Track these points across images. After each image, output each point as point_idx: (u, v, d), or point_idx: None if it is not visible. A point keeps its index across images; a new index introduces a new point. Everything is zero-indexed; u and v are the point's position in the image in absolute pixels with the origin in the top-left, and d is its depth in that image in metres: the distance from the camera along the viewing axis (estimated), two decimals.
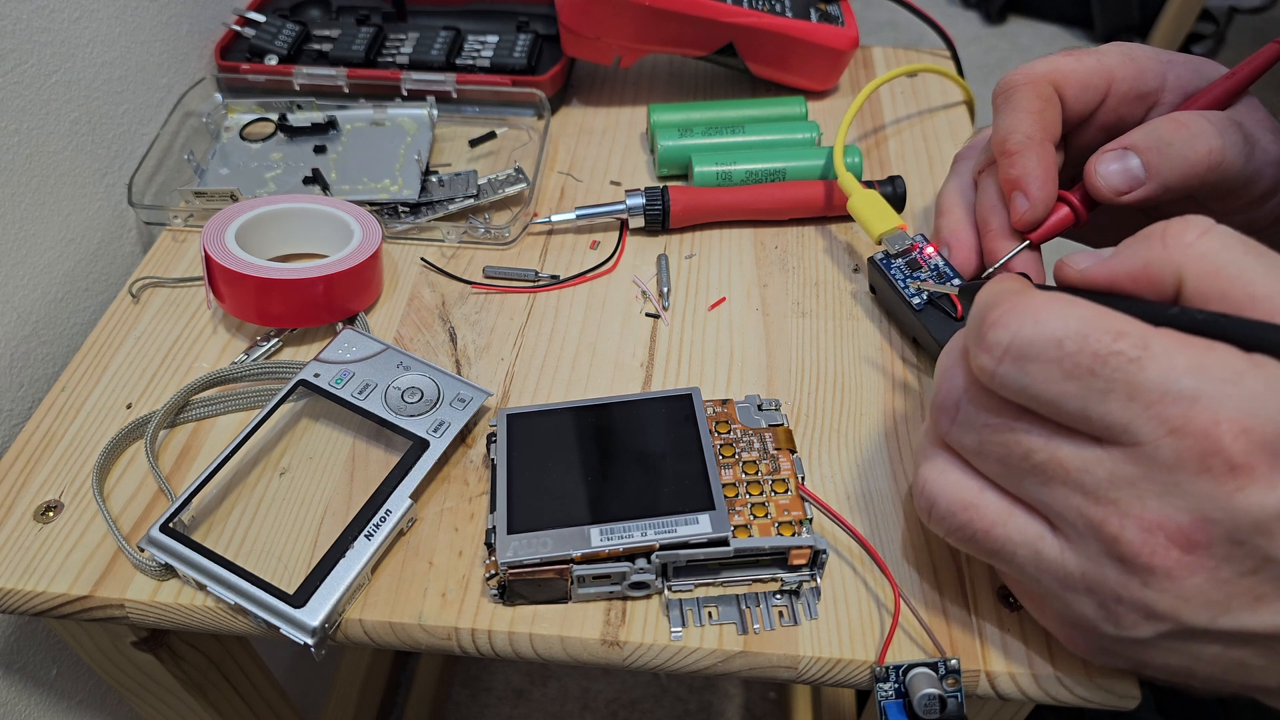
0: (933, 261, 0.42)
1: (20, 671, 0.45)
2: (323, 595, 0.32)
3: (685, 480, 0.34)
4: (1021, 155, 0.37)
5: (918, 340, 0.42)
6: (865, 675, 0.32)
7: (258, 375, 0.42)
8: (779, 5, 0.55)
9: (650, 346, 0.43)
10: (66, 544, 0.36)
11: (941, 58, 0.62)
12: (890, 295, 0.43)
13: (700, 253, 0.48)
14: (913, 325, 0.41)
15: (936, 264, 0.42)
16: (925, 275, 0.41)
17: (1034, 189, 0.37)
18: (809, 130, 0.53)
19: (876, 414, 0.40)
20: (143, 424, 0.39)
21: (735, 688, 1.02)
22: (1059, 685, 0.31)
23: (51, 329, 0.47)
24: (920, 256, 0.42)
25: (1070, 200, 0.38)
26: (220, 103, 0.55)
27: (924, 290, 0.36)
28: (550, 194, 0.52)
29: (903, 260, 0.42)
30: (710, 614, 0.33)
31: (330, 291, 0.42)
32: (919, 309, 0.41)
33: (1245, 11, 2.04)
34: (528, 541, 0.33)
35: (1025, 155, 0.37)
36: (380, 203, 0.49)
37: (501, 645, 0.33)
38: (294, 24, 0.58)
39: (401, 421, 0.38)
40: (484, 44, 0.58)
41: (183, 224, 0.49)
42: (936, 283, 0.37)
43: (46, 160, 0.46)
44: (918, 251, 0.42)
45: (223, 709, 0.47)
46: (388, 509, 0.35)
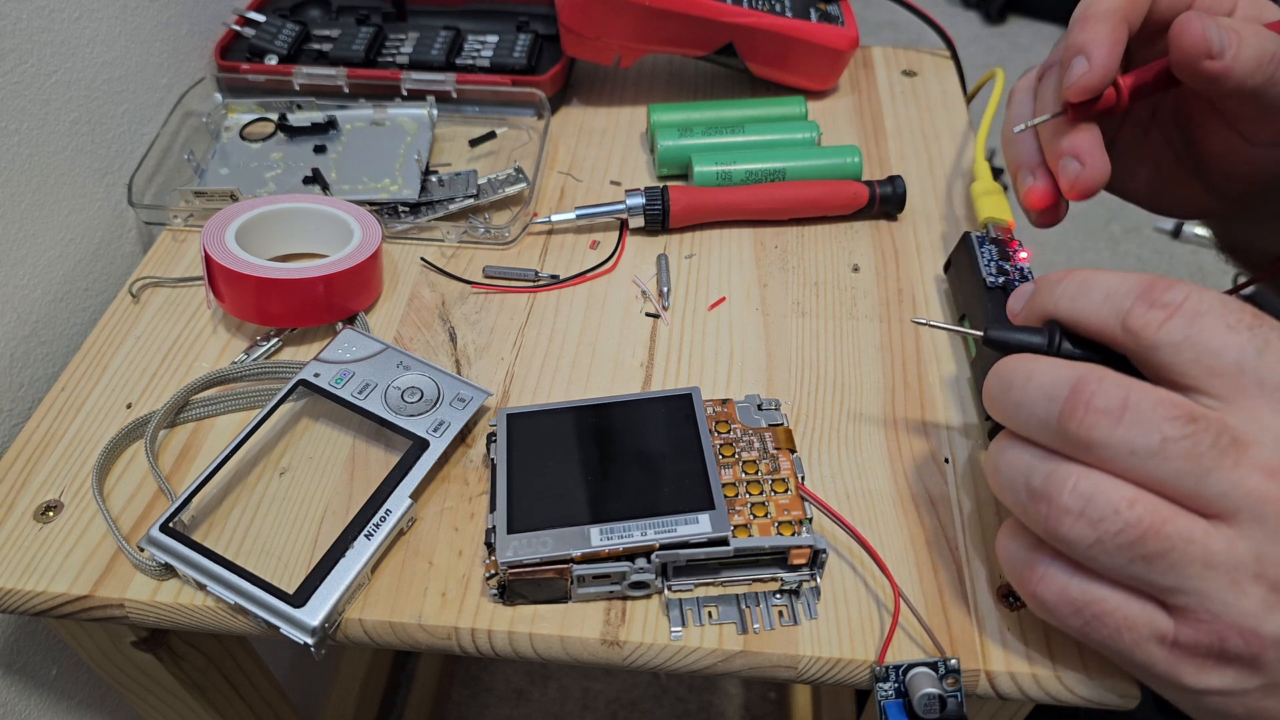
0: (1020, 265, 0.42)
1: (20, 671, 0.45)
2: (323, 595, 0.32)
3: (685, 480, 0.34)
4: (1096, 21, 0.37)
5: (966, 319, 0.42)
6: (865, 675, 0.32)
7: (258, 375, 0.42)
8: (779, 5, 0.55)
9: (650, 346, 0.43)
10: (66, 544, 0.36)
11: (941, 58, 0.62)
12: (966, 272, 0.43)
13: (700, 253, 0.48)
14: (975, 305, 0.41)
15: (1021, 268, 0.42)
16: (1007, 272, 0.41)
17: (1098, 54, 0.37)
18: (809, 130, 0.53)
19: (876, 414, 0.40)
20: (143, 424, 0.39)
21: (735, 688, 1.02)
22: (1059, 685, 0.31)
23: (51, 329, 0.47)
24: (1013, 252, 0.42)
25: (1118, 81, 0.38)
26: (220, 103, 0.55)
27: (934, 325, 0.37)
28: (550, 194, 0.52)
29: (995, 248, 0.43)
30: (710, 614, 0.33)
31: (330, 291, 0.42)
32: (990, 288, 0.41)
33: None
34: (528, 541, 0.33)
35: (1099, 23, 0.37)
36: (380, 203, 0.49)
37: (501, 645, 0.33)
38: (294, 24, 0.58)
39: (401, 421, 0.38)
40: (484, 44, 0.58)
41: (183, 224, 0.49)
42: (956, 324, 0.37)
43: (46, 160, 0.46)
44: (1014, 249, 0.43)
45: (223, 709, 0.47)
46: (388, 509, 0.35)
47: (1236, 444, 0.25)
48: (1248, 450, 0.25)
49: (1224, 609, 0.25)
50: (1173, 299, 0.27)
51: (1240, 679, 0.26)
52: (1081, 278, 0.30)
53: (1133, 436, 0.26)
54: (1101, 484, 0.26)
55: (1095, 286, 0.29)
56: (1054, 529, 0.27)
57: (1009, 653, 0.32)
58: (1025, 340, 0.31)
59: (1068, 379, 0.27)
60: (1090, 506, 0.26)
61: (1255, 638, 0.25)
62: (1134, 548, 0.26)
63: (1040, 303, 0.31)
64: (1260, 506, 0.25)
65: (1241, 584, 0.25)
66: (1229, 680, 0.26)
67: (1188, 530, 0.25)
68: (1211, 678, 0.26)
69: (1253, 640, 0.25)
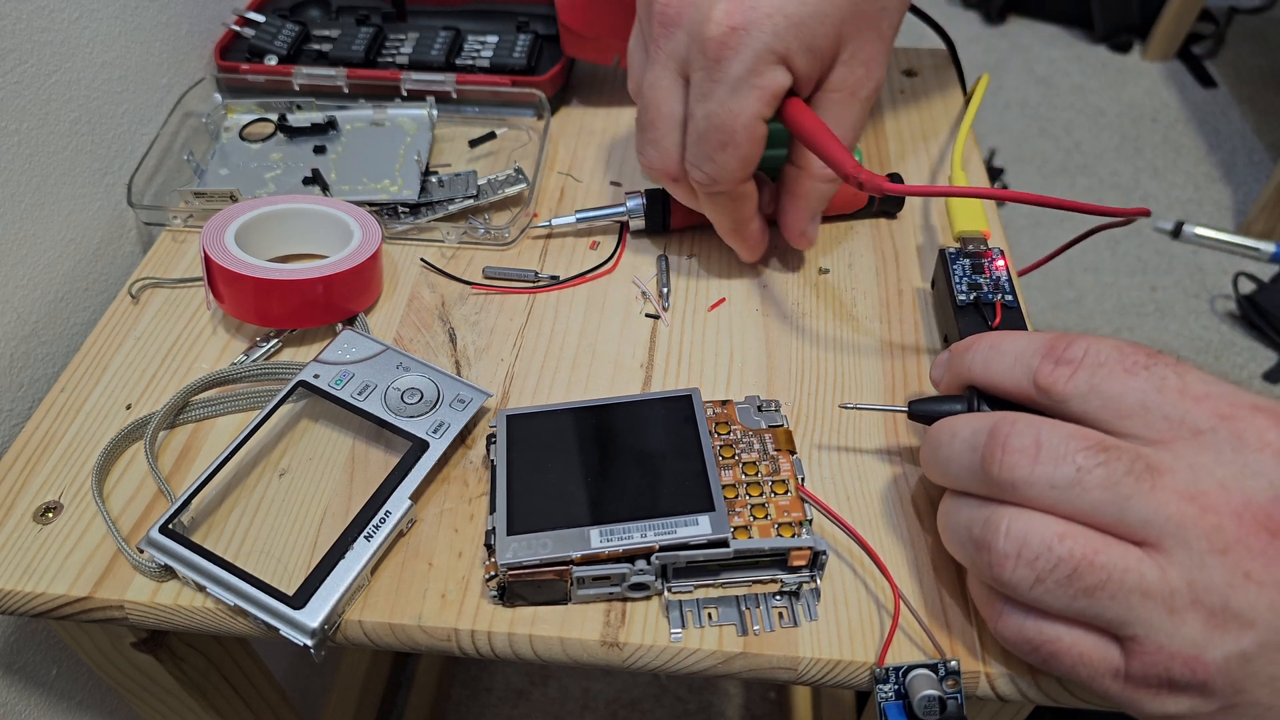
0: (996, 274, 0.42)
1: (20, 672, 0.45)
2: (322, 596, 0.32)
3: (685, 481, 0.34)
4: None
5: (948, 339, 0.42)
6: (865, 676, 0.32)
7: (257, 376, 0.42)
8: None
9: (650, 347, 0.43)
10: (66, 545, 0.36)
11: (941, 58, 0.62)
12: (943, 290, 0.43)
13: (700, 253, 0.48)
14: (949, 324, 0.42)
15: (998, 277, 0.42)
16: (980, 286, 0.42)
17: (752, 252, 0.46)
18: None
19: (876, 415, 0.40)
20: (142, 425, 0.39)
21: (735, 688, 1.02)
22: (1058, 686, 0.31)
23: (51, 329, 0.47)
24: (988, 263, 0.43)
25: None
26: (220, 103, 0.55)
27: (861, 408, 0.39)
28: (550, 194, 0.52)
29: (969, 261, 0.43)
30: (710, 615, 0.33)
31: (330, 292, 0.42)
32: (960, 306, 0.41)
33: (1245, 11, 2.04)
34: (527, 543, 0.33)
35: None
36: (380, 203, 0.49)
37: (501, 646, 0.33)
38: (294, 24, 0.58)
39: (401, 422, 0.38)
40: (484, 44, 0.58)
41: (182, 224, 0.49)
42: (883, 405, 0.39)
43: (46, 160, 0.46)
44: (988, 260, 0.43)
45: (223, 709, 0.47)
46: (387, 510, 0.35)
47: (1151, 470, 0.27)
48: (1163, 476, 0.26)
49: (1168, 639, 0.26)
50: (1074, 355, 0.29)
51: (1195, 704, 0.27)
52: (988, 343, 0.32)
53: (1050, 470, 0.27)
54: (1033, 523, 0.28)
55: (1003, 351, 0.31)
56: (998, 576, 0.28)
57: (1009, 654, 0.32)
58: (947, 409, 0.33)
59: (985, 426, 0.29)
60: (1025, 548, 0.27)
61: (1200, 665, 0.26)
62: (1072, 582, 0.27)
63: (956, 370, 0.33)
64: (1182, 531, 0.26)
65: (1179, 612, 0.26)
66: (1184, 706, 0.27)
67: (1120, 559, 0.26)
68: (1168, 704, 0.27)
69: (1198, 668, 0.26)
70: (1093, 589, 0.26)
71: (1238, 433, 0.27)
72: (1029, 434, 0.28)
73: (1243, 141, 1.74)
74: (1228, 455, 0.27)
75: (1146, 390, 0.28)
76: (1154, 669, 0.26)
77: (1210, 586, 0.26)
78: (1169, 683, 0.26)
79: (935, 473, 0.32)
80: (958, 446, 0.30)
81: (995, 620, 0.30)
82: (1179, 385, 0.28)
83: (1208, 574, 0.26)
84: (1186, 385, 0.28)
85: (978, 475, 0.29)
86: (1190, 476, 0.26)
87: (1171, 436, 0.27)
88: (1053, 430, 0.28)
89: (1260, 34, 2.02)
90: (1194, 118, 1.80)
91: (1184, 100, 1.85)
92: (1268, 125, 1.78)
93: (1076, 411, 0.29)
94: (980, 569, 0.29)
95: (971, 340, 0.33)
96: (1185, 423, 0.27)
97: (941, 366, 0.35)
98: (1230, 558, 0.26)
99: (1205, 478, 0.26)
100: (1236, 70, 1.92)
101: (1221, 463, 0.26)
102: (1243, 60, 1.95)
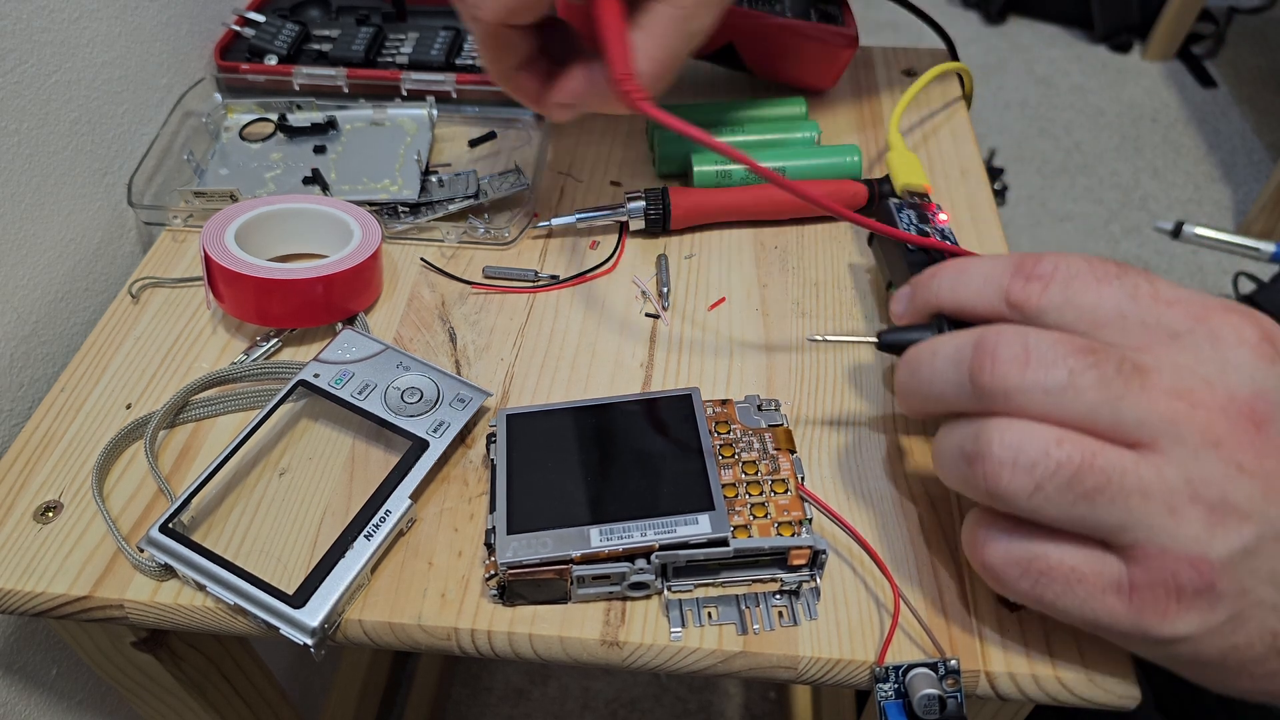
0: (940, 227, 0.43)
1: (20, 671, 0.45)
2: (322, 596, 0.32)
3: (685, 480, 0.34)
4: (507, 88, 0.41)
5: (893, 285, 0.43)
6: (865, 675, 0.32)
7: (257, 375, 0.42)
8: (779, 5, 0.55)
9: (650, 347, 0.43)
10: (66, 544, 0.36)
11: (941, 58, 0.62)
12: (889, 241, 0.43)
13: (700, 253, 0.48)
14: (899, 271, 0.42)
15: (942, 229, 0.43)
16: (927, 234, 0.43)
17: None
18: (809, 130, 0.53)
19: (876, 414, 0.40)
20: (142, 424, 0.39)
21: (735, 688, 1.02)
22: (1059, 685, 0.31)
23: (51, 329, 0.47)
24: (932, 215, 0.44)
25: None
26: (220, 103, 0.55)
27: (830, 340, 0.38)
28: (550, 194, 0.52)
29: (914, 212, 0.44)
30: (710, 614, 0.33)
31: (330, 291, 0.42)
32: (911, 251, 0.41)
33: (1245, 11, 2.04)
34: (527, 542, 0.33)
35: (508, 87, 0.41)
36: (380, 203, 0.49)
37: (501, 646, 0.33)
38: (294, 24, 0.58)
39: (401, 422, 0.38)
40: None
41: (182, 224, 0.49)
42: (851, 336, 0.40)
43: (46, 160, 0.46)
44: (932, 211, 0.44)
45: (223, 709, 0.47)
46: (387, 509, 0.35)
47: (1139, 371, 0.27)
48: (1150, 376, 0.26)
49: (1170, 540, 0.26)
50: (1045, 269, 0.29)
51: (1205, 617, 0.26)
52: (955, 268, 0.32)
53: (1043, 375, 0.27)
54: (1027, 430, 0.27)
55: (971, 274, 0.31)
56: (994, 487, 0.28)
57: (1009, 653, 0.32)
58: (917, 336, 0.33)
59: (969, 341, 0.29)
60: (1021, 454, 0.27)
61: (1205, 564, 0.26)
62: (1072, 486, 0.26)
63: (922, 299, 0.33)
64: (1176, 428, 0.26)
65: (1179, 510, 0.26)
66: (1195, 622, 0.26)
67: (1118, 461, 0.26)
68: (1178, 624, 0.27)
69: (1204, 568, 0.26)
70: (1093, 492, 0.26)
71: (1214, 332, 0.27)
72: (1017, 342, 0.28)
73: (1243, 141, 1.75)
74: (1207, 354, 0.27)
75: (1121, 298, 0.28)
76: (1159, 574, 0.26)
77: (1207, 480, 0.26)
78: (1176, 590, 0.26)
79: (916, 398, 0.31)
80: (940, 364, 0.30)
81: (980, 550, 0.30)
82: (1152, 292, 0.28)
83: (1203, 468, 0.26)
84: (1159, 291, 0.28)
85: (965, 390, 0.29)
86: (1175, 376, 0.27)
87: (1150, 341, 0.28)
88: (1040, 337, 0.28)
89: (1260, 34, 2.02)
90: (1194, 118, 1.80)
91: (1184, 100, 1.85)
92: (1268, 125, 1.78)
93: (1053, 325, 0.29)
94: (975, 484, 0.28)
95: (935, 269, 0.33)
96: (1162, 326, 0.28)
97: (904, 300, 0.35)
98: (1223, 451, 0.26)
99: (1189, 376, 0.27)
100: (1236, 70, 1.92)
101: (1202, 361, 0.27)
102: (1243, 60, 1.95)
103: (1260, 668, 0.27)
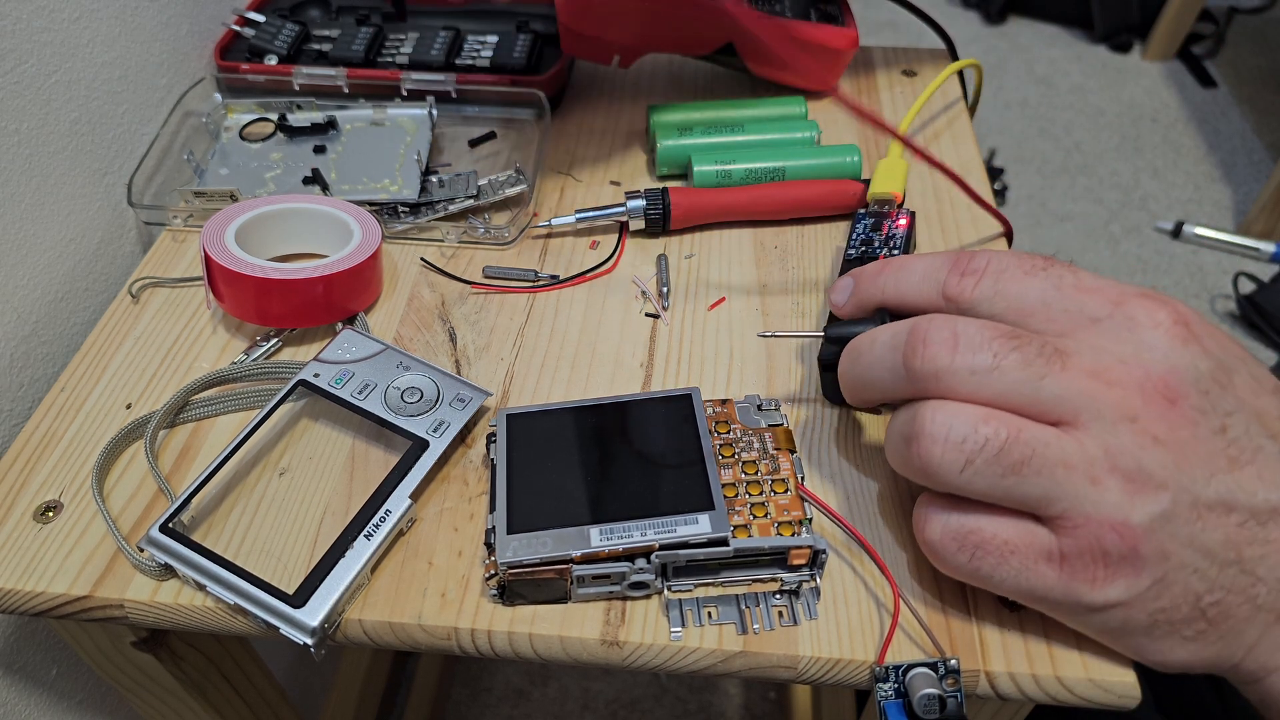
0: (894, 232, 0.44)
1: (20, 671, 0.45)
2: (322, 595, 0.32)
3: (685, 480, 0.34)
4: None
5: None
6: (865, 675, 0.32)
7: (257, 375, 0.42)
8: (779, 5, 0.55)
9: (650, 346, 0.43)
10: (66, 544, 0.36)
11: (941, 58, 0.62)
12: None
13: (700, 253, 0.48)
14: None
15: (895, 234, 0.44)
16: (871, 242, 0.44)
17: None
18: (809, 130, 0.53)
19: (876, 414, 0.40)
20: (142, 424, 0.39)
21: (735, 688, 1.02)
22: (1059, 685, 0.31)
23: (51, 329, 0.47)
24: (890, 223, 0.44)
25: None
26: (220, 103, 0.55)
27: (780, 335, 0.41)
28: (550, 194, 0.52)
29: (871, 220, 0.45)
30: (710, 614, 0.33)
31: (330, 291, 0.42)
32: (848, 259, 0.44)
33: (1245, 11, 2.04)
34: (527, 541, 0.33)
35: None
36: (380, 203, 0.49)
37: (501, 645, 0.33)
38: (294, 24, 0.58)
39: (401, 421, 0.38)
40: (484, 44, 0.58)
41: (182, 224, 0.49)
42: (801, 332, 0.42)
43: (46, 160, 0.46)
44: (891, 219, 0.45)
45: (223, 709, 0.47)
46: (387, 509, 0.35)
47: (1059, 353, 0.29)
48: (1070, 358, 0.29)
49: (1094, 507, 0.28)
50: (978, 265, 0.32)
51: (1131, 582, 0.28)
52: (898, 264, 0.35)
53: (969, 358, 0.29)
54: (957, 409, 0.29)
55: (911, 270, 0.34)
56: (927, 464, 0.29)
57: (1009, 653, 0.32)
58: (861, 329, 0.35)
59: (904, 328, 0.31)
60: (951, 431, 0.29)
61: (1127, 529, 0.28)
62: (1000, 460, 0.28)
63: (865, 292, 0.36)
64: (1094, 404, 0.28)
65: (1100, 480, 0.28)
66: (1122, 587, 0.28)
67: (1041, 434, 0.28)
68: (1108, 590, 0.28)
69: (1126, 533, 0.28)
70: (1019, 464, 0.28)
71: (1130, 316, 0.29)
72: (946, 328, 0.30)
73: (1243, 141, 1.74)
74: (1124, 335, 0.29)
75: (1045, 289, 0.31)
76: (1086, 541, 0.28)
77: (1124, 450, 0.28)
78: (1103, 556, 0.28)
79: (857, 385, 0.34)
80: (878, 351, 0.32)
81: (923, 528, 0.31)
82: (1074, 282, 0.30)
83: (1120, 440, 0.28)
84: (1080, 281, 0.30)
85: (900, 374, 0.31)
86: (1094, 357, 0.29)
87: (1072, 327, 0.30)
88: (968, 323, 0.30)
89: (1260, 34, 2.02)
90: (1194, 118, 1.80)
91: (1184, 100, 1.85)
92: (1268, 125, 1.78)
93: (984, 314, 0.31)
94: (912, 463, 0.30)
95: (878, 265, 0.35)
96: (1083, 313, 0.30)
97: (845, 291, 0.37)
98: (1139, 425, 0.28)
99: (1106, 356, 0.29)
100: (1236, 70, 1.92)
101: (1119, 342, 0.29)
102: (1243, 60, 1.95)
103: (1189, 629, 0.29)
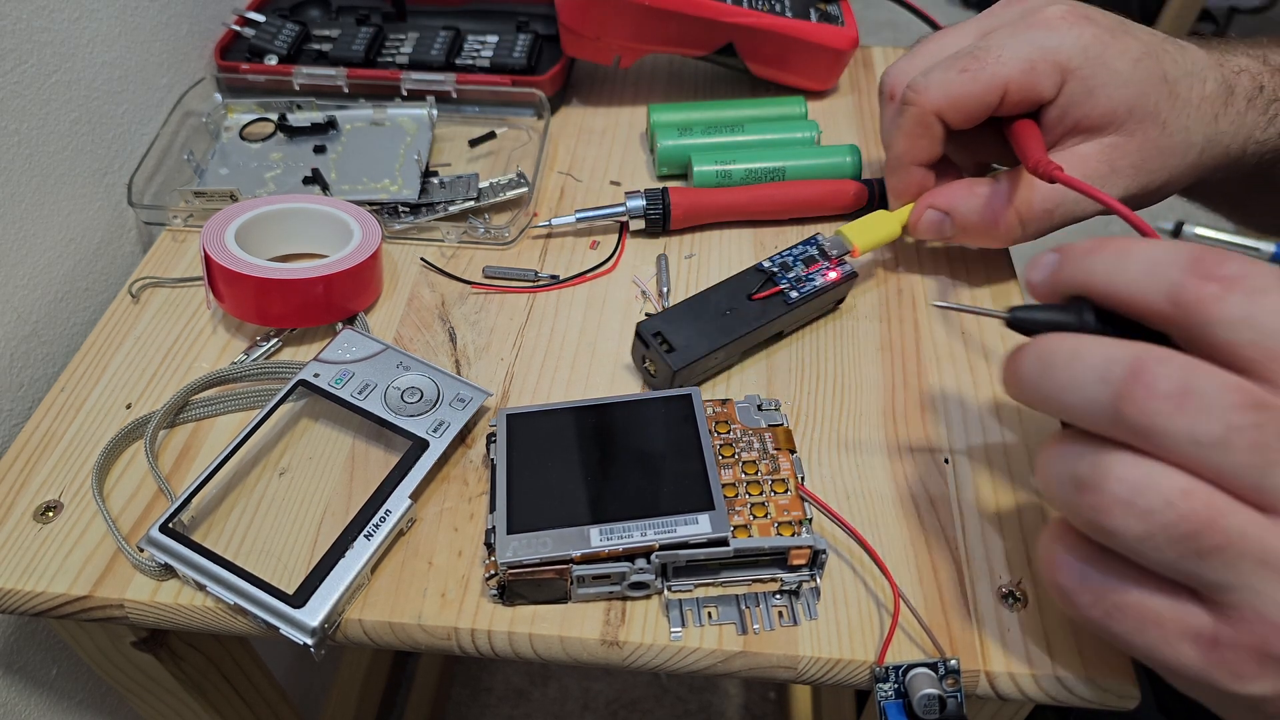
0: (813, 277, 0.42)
1: (20, 671, 0.45)
2: (322, 595, 0.32)
3: (685, 480, 0.34)
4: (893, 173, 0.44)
5: None
6: (865, 675, 0.32)
7: (257, 375, 0.42)
8: (779, 5, 0.55)
9: None
10: (66, 544, 0.36)
11: None
12: None
13: (700, 253, 0.48)
14: None
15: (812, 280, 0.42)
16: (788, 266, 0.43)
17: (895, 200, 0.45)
18: (809, 130, 0.53)
19: (876, 414, 0.40)
20: (142, 424, 0.39)
21: (735, 688, 1.03)
22: (1059, 685, 0.31)
23: (51, 329, 0.47)
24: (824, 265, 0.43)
25: None
26: (220, 103, 0.55)
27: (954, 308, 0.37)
28: (550, 194, 0.52)
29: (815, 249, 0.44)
30: (710, 614, 0.33)
31: (330, 291, 0.42)
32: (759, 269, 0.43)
33: (1245, 11, 2.04)
34: (527, 542, 0.33)
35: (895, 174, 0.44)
36: (380, 203, 0.49)
37: (501, 645, 0.33)
38: (294, 24, 0.58)
39: (401, 421, 0.38)
40: (484, 44, 0.58)
41: (182, 224, 0.49)
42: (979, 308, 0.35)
43: (46, 160, 0.46)
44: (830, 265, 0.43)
45: (223, 709, 0.47)
46: (387, 509, 0.35)
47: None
48: None
49: (1274, 609, 0.24)
50: (1229, 272, 0.25)
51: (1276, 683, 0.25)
52: (1118, 247, 0.27)
53: (1196, 424, 0.24)
54: (1154, 473, 0.24)
55: (1135, 257, 0.27)
56: (1101, 521, 0.25)
57: (1009, 653, 0.32)
58: (1055, 319, 0.28)
59: (1123, 358, 0.25)
60: (1141, 497, 0.24)
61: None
62: (1187, 542, 0.24)
63: (1068, 275, 0.28)
64: None
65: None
66: (1269, 687, 0.25)
67: (1243, 523, 0.24)
68: (1252, 685, 0.25)
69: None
70: (1208, 551, 0.24)
71: None
72: (1179, 377, 0.24)
73: None
74: None
75: None
76: (1248, 637, 0.24)
77: None
78: (1262, 656, 0.24)
79: (1038, 397, 0.27)
80: (1082, 373, 0.26)
81: (1056, 571, 0.27)
82: None
83: None
84: None
85: (1104, 413, 0.25)
86: None
87: None
88: (1209, 377, 0.24)
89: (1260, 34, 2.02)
90: None
91: None
92: None
93: (1220, 340, 0.24)
94: (1079, 511, 0.26)
95: (1096, 242, 0.28)
96: None
97: (1045, 268, 0.29)
98: None
99: None
100: None
101: None
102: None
103: None
